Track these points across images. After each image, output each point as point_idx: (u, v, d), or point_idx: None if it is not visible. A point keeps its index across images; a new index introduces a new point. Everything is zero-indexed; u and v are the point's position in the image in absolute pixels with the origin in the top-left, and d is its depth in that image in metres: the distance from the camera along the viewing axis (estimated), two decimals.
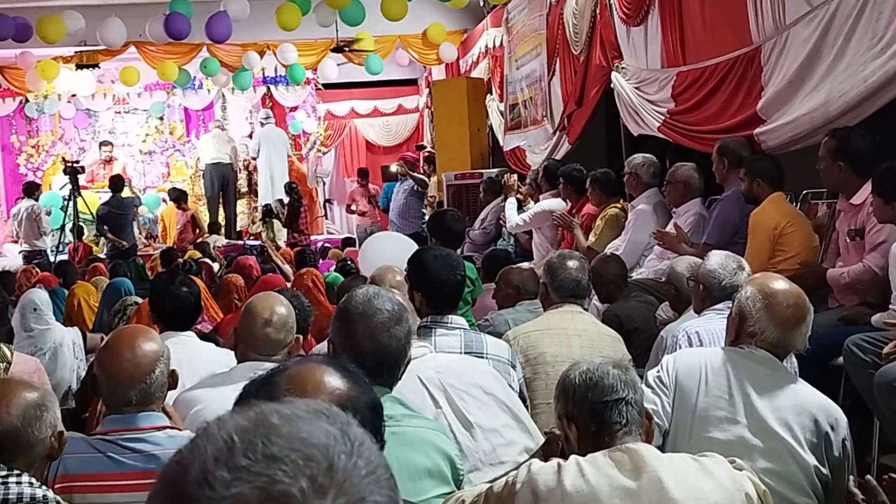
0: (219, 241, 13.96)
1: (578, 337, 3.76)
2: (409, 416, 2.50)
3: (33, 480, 2.21)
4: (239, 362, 3.28)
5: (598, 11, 8.32)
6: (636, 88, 7.44)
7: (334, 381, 1.74)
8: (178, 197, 14.62)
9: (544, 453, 2.42)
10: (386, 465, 0.82)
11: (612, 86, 7.95)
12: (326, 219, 17.67)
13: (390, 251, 6.01)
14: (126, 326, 3.22)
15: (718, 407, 2.86)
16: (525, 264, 7.65)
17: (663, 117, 6.87)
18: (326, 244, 13.61)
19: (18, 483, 2.17)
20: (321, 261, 10.67)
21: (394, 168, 15.10)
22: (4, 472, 2.18)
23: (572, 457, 2.19)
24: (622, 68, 7.79)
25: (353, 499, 0.77)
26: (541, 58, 10.39)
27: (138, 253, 12.75)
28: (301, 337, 3.38)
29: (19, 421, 2.22)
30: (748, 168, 5.37)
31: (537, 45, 10.51)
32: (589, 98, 8.75)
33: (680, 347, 3.59)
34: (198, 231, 14.17)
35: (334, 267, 9.39)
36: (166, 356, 2.76)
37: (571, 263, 3.97)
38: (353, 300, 2.51)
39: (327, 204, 17.89)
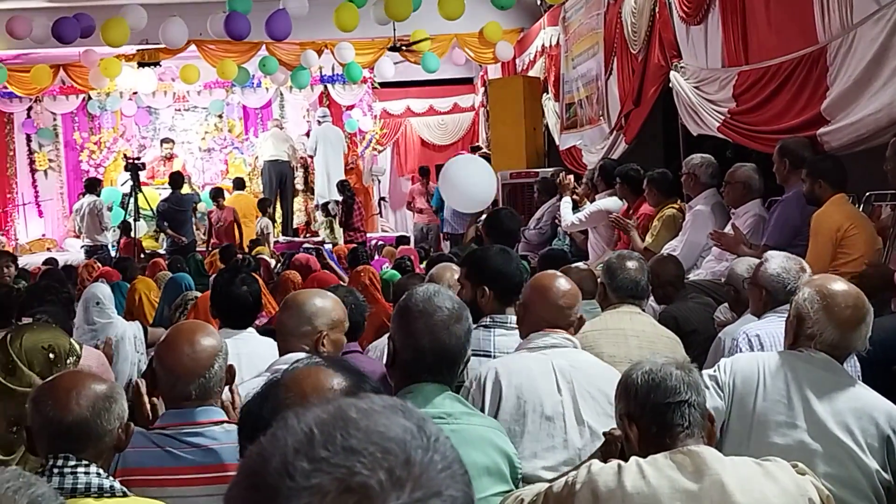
0: (268, 226, 14.06)
1: (636, 338, 3.73)
2: (467, 414, 2.51)
3: (101, 471, 2.24)
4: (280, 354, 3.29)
5: (657, 10, 8.25)
6: (695, 88, 7.36)
7: (333, 379, 1.74)
8: (216, 194, 14.76)
9: (603, 454, 2.42)
10: (460, 461, 0.83)
11: (670, 85, 7.88)
12: (381, 217, 17.77)
13: (471, 175, 6.05)
14: (185, 322, 3.26)
15: (777, 412, 2.83)
16: (581, 264, 7.65)
17: (723, 117, 6.79)
18: (381, 242, 13.69)
19: (87, 473, 2.20)
20: (375, 258, 10.73)
21: None
22: (73, 462, 2.21)
23: (633, 458, 2.19)
24: (681, 67, 7.71)
25: (429, 492, 0.79)
26: (597, 57, 10.33)
27: (196, 249, 12.94)
28: (326, 333, 3.34)
29: (89, 412, 2.24)
30: (810, 169, 5.29)
31: (594, 44, 10.45)
32: (647, 97, 8.68)
33: (740, 351, 3.55)
34: (237, 228, 14.22)
35: (388, 264, 9.45)
36: (224, 351, 2.77)
37: (630, 264, 3.94)
38: (414, 298, 2.52)
39: (382, 202, 17.97)
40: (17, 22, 11.75)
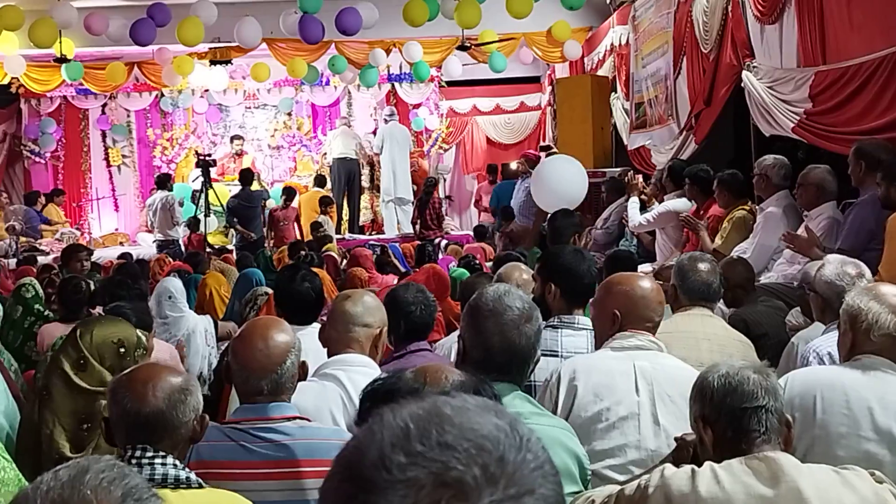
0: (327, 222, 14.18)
1: (707, 341, 3.68)
2: (537, 415, 2.51)
3: (177, 462, 2.28)
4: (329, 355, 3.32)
5: (729, 9, 8.14)
6: (769, 88, 7.25)
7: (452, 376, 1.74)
8: (287, 193, 14.89)
9: (675, 459, 2.40)
10: (552, 462, 0.84)
11: (742, 85, 7.77)
12: (446, 215, 17.80)
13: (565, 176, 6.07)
14: (259, 317, 3.31)
15: (839, 423, 2.79)
16: (647, 266, 7.59)
17: (799, 118, 6.68)
18: (446, 240, 13.71)
19: (164, 464, 2.24)
20: (440, 257, 10.74)
21: (514, 166, 15.11)
22: (151, 453, 2.25)
23: (707, 463, 2.16)
24: (754, 67, 7.60)
25: (522, 490, 0.79)
26: (667, 56, 10.23)
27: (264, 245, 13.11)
28: (385, 329, 3.38)
29: (165, 404, 2.28)
30: (886, 172, 5.17)
31: (664, 44, 10.35)
32: (718, 97, 8.57)
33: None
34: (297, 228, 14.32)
35: (454, 263, 9.45)
36: (297, 348, 2.80)
37: (702, 266, 3.89)
38: (484, 297, 2.53)
39: (447, 200, 18.01)
40: (95, 20, 12.01)
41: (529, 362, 2.53)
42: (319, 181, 15.62)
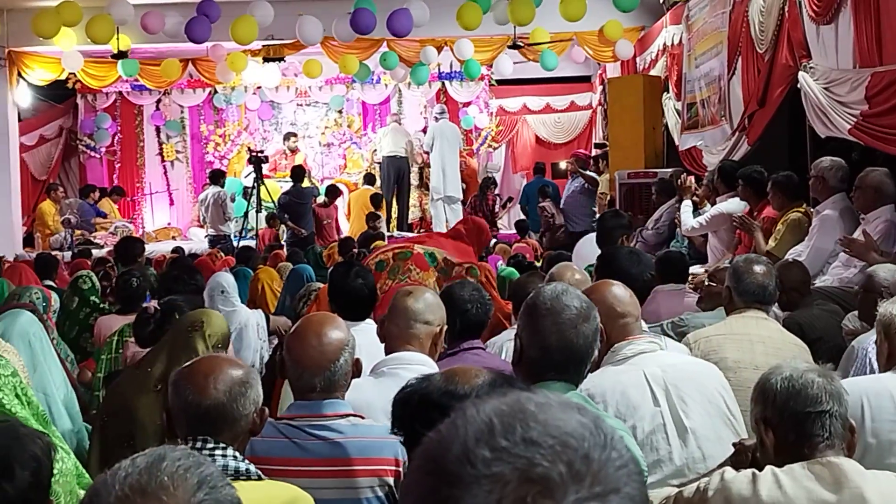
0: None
1: (762, 344, 3.64)
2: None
3: (237, 454, 2.30)
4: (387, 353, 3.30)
5: (786, 9, 8.03)
6: (825, 89, 7.14)
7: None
8: (331, 192, 14.95)
9: (733, 465, 2.37)
10: (636, 461, 0.84)
11: (798, 86, 7.67)
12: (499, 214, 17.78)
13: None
14: (314, 314, 3.32)
15: (890, 430, 2.75)
16: (698, 267, 7.52)
17: (855, 119, 6.58)
18: (495, 239, 13.70)
19: (224, 456, 2.26)
20: (489, 256, 10.74)
21: (563, 165, 15.08)
22: (211, 445, 2.27)
23: (768, 467, 2.14)
24: (810, 68, 7.50)
25: (607, 488, 0.79)
26: (721, 56, 10.12)
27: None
28: (446, 327, 3.37)
29: (226, 396, 2.31)
30: None
31: (718, 44, 10.25)
32: (772, 98, 8.47)
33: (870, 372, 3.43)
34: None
35: (501, 261, 9.45)
36: (351, 345, 2.80)
37: (758, 268, 3.84)
38: (542, 296, 2.52)
39: (498, 199, 17.96)
40: (151, 17, 12.18)
41: (587, 362, 2.51)
42: (369, 179, 15.71)
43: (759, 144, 8.95)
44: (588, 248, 6.53)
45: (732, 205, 7.88)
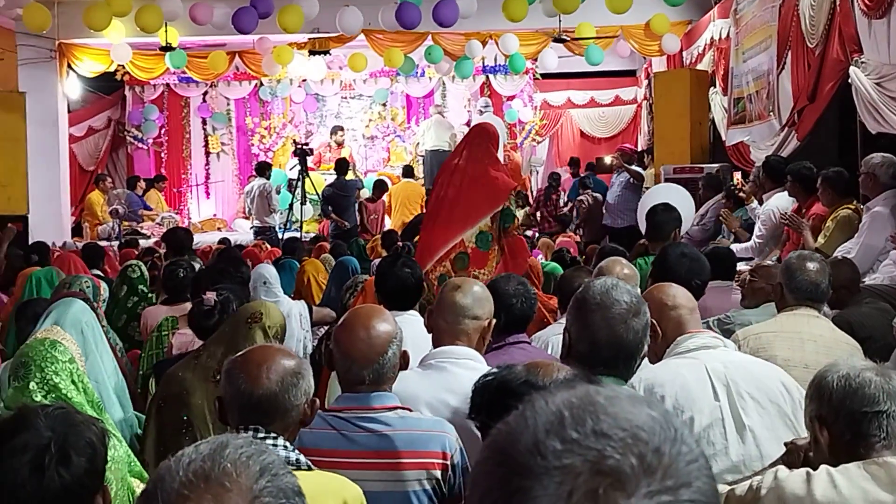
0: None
1: (813, 342, 3.59)
2: None
3: (288, 444, 2.32)
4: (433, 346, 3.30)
5: (837, 3, 7.92)
6: (877, 84, 7.04)
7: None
8: (378, 187, 14.99)
9: (785, 463, 2.34)
10: (705, 455, 0.84)
11: (848, 81, 7.56)
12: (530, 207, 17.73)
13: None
14: (362, 306, 3.33)
15: None
16: (743, 264, 7.43)
17: None
18: (537, 233, 13.66)
19: (275, 445, 2.27)
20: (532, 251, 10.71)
21: (608, 160, 14.99)
22: (263, 434, 2.29)
23: (823, 467, 2.11)
24: (861, 62, 7.39)
25: (679, 482, 0.79)
26: (770, 50, 10.01)
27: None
28: (494, 321, 3.35)
29: (278, 386, 2.32)
30: None
31: (767, 38, 10.13)
32: (823, 93, 8.36)
33: None
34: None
35: (542, 256, 9.42)
36: (399, 337, 2.81)
37: (811, 265, 3.79)
38: (592, 290, 2.51)
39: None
40: (200, 9, 12.29)
41: (636, 357, 2.50)
42: (407, 171, 15.70)
43: (808, 140, 8.84)
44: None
45: (780, 200, 7.79)
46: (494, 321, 3.33)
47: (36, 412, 2.10)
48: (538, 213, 14.72)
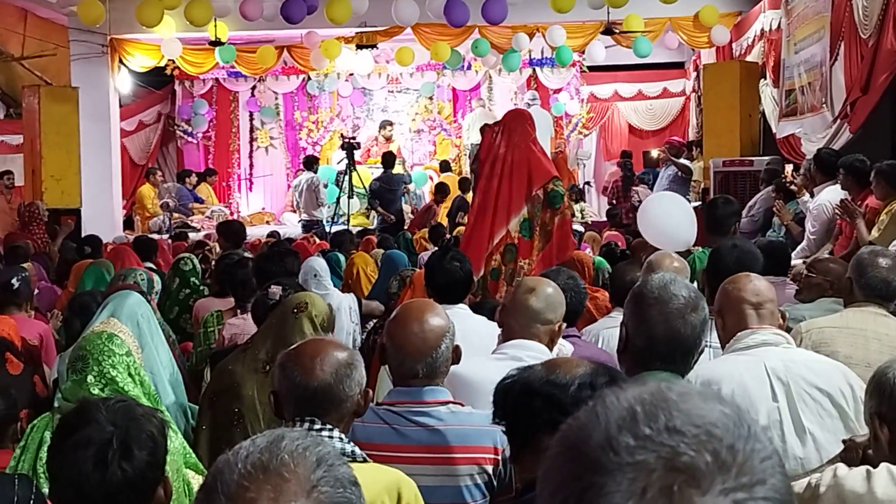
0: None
1: (878, 341, 3.49)
2: None
3: (342, 436, 2.33)
4: (503, 341, 3.28)
5: None
6: None
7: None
8: (441, 190, 15.01)
9: (843, 461, 2.31)
10: (778, 454, 0.83)
11: None
12: (585, 202, 17.62)
13: (671, 214, 5.91)
14: (415, 300, 3.34)
15: None
16: (798, 259, 7.33)
17: None
18: (583, 227, 13.59)
19: (330, 437, 2.28)
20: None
21: (655, 154, 14.88)
22: (318, 426, 2.31)
23: (883, 464, 2.08)
24: None
25: (754, 480, 0.78)
26: (822, 42, 9.87)
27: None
28: (564, 325, 3.34)
29: (332, 378, 2.33)
30: None
31: (819, 29, 9.99)
32: (876, 85, 8.23)
33: None
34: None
35: (590, 250, 9.37)
36: (452, 332, 2.81)
37: (883, 261, 3.66)
38: (649, 285, 2.49)
39: (586, 186, 17.81)
40: (249, 4, 12.38)
41: (694, 352, 2.47)
42: (444, 166, 15.70)
43: (861, 132, 8.71)
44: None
45: (832, 195, 7.68)
46: (565, 325, 3.31)
47: (97, 406, 2.13)
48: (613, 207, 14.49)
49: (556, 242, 5.81)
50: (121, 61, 14.88)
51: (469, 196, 15.57)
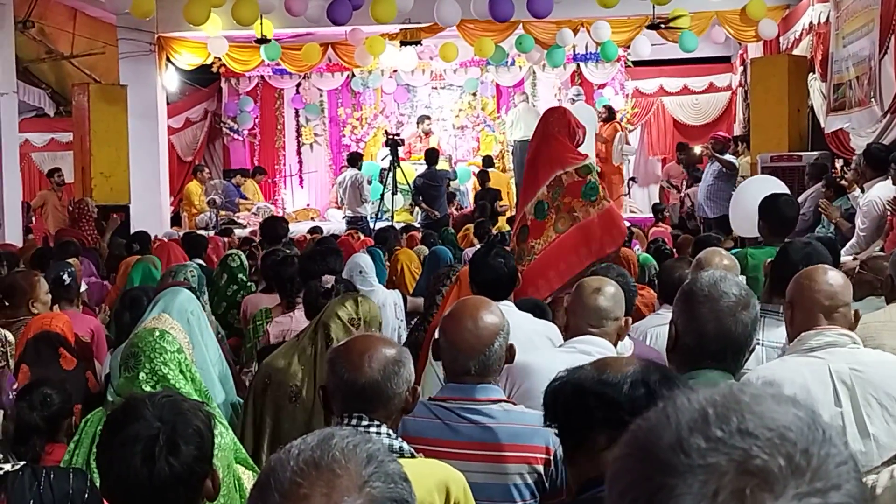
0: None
1: None
2: None
3: (391, 432, 2.35)
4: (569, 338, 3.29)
5: None
6: None
7: None
8: (483, 178, 15.04)
9: None
10: (854, 459, 0.82)
11: None
12: (629, 197, 17.50)
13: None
14: (469, 297, 3.34)
15: None
16: (849, 257, 7.23)
17: None
18: (630, 224, 13.50)
19: (378, 434, 2.30)
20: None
21: (698, 150, 14.70)
22: (367, 422, 2.32)
23: None
24: None
25: (829, 485, 0.77)
26: (871, 35, 9.72)
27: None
28: (629, 319, 3.35)
29: (380, 375, 2.35)
30: None
31: (869, 22, 9.84)
32: None
33: None
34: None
35: (638, 247, 9.32)
36: (506, 330, 2.81)
37: None
38: (699, 282, 2.47)
39: (631, 182, 17.70)
40: (295, 1, 12.46)
41: (745, 351, 2.45)
42: (487, 161, 15.70)
43: None
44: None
45: (882, 190, 7.57)
46: (629, 319, 3.32)
47: (144, 402, 2.15)
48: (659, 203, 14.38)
49: (599, 233, 5.71)
50: (168, 59, 15.05)
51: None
